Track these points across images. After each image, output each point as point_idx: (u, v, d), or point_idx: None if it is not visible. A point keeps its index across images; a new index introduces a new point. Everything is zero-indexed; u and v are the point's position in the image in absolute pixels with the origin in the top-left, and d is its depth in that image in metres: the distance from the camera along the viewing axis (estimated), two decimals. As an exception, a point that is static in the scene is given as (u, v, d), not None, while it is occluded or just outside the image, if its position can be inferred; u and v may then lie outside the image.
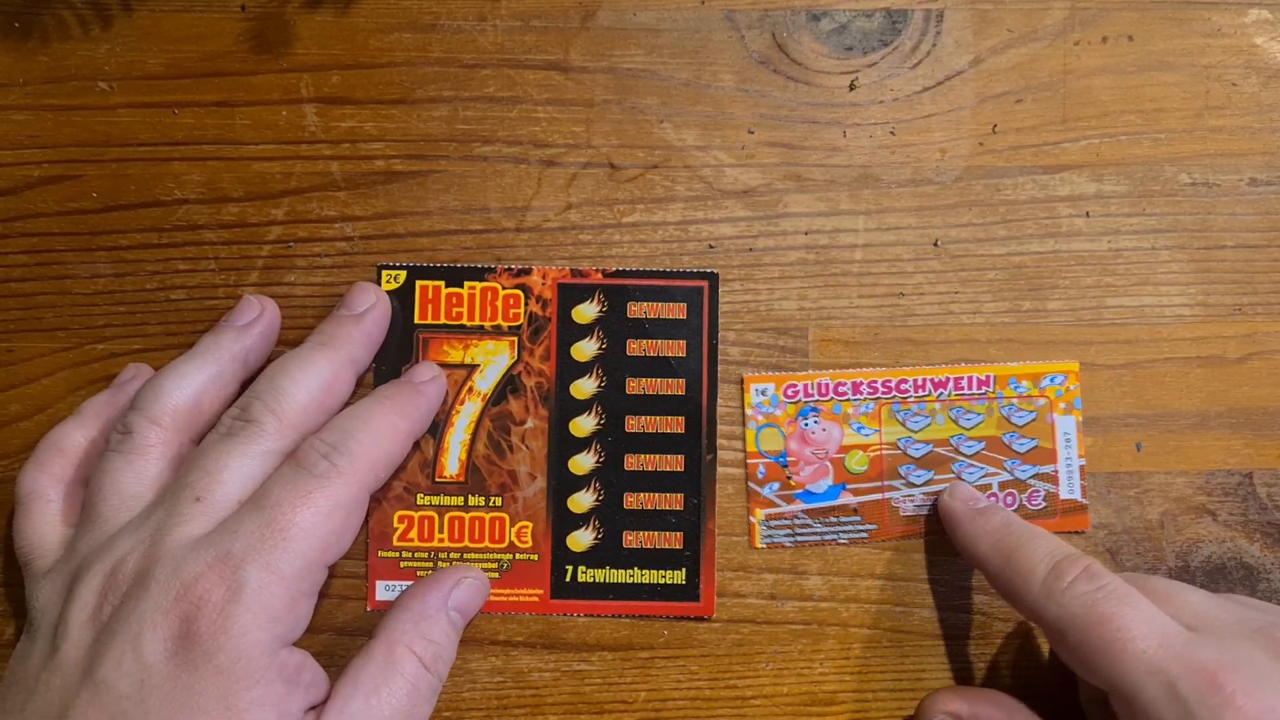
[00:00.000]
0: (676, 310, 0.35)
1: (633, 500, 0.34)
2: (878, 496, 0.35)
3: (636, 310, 0.35)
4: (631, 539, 0.34)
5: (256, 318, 0.33)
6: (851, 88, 0.36)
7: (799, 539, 0.34)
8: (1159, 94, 0.36)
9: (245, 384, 0.33)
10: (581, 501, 0.34)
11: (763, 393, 0.34)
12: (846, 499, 0.35)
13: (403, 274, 0.34)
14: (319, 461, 0.30)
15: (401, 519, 0.34)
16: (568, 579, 0.34)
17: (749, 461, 0.35)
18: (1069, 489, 0.35)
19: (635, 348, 0.35)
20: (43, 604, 0.30)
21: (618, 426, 0.34)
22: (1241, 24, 0.36)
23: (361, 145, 0.35)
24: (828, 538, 0.34)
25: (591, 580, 0.34)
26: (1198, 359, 0.35)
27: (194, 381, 0.32)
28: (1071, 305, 0.35)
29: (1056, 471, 0.35)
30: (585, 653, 0.34)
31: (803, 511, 0.34)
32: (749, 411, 0.34)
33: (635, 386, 0.34)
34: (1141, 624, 0.28)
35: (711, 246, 0.35)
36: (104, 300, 0.35)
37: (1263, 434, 0.35)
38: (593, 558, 0.34)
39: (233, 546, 0.28)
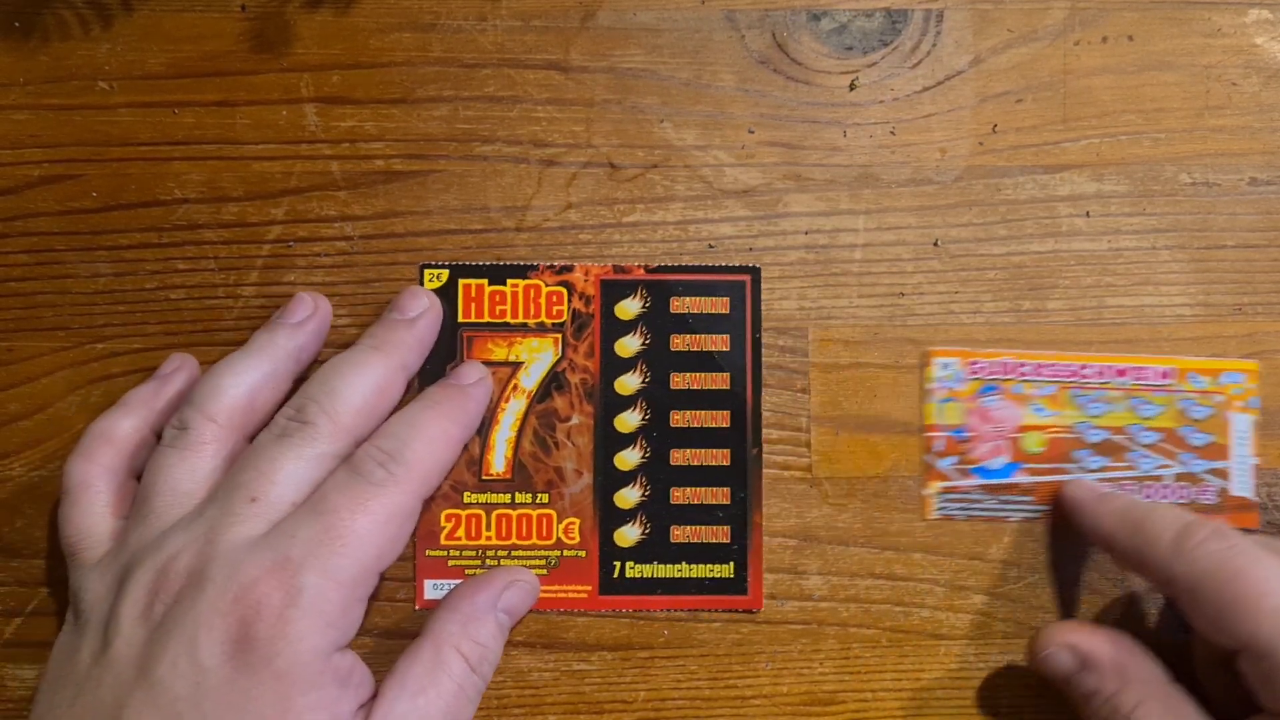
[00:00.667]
0: (719, 305, 0.35)
1: (679, 495, 0.34)
2: (1052, 478, 0.35)
3: (679, 305, 0.35)
4: (679, 533, 0.34)
5: (310, 315, 0.33)
6: (852, 87, 0.36)
7: (972, 513, 0.35)
8: (1159, 94, 0.36)
9: (296, 382, 0.33)
10: (628, 497, 0.34)
11: (946, 367, 0.35)
12: (1021, 478, 0.35)
13: (445, 273, 0.34)
14: (375, 470, 0.30)
15: (449, 517, 0.34)
16: (615, 575, 0.34)
17: (927, 435, 0.35)
18: (1240, 486, 0.35)
19: (679, 343, 0.35)
20: (91, 597, 0.30)
21: (663, 421, 0.34)
22: (1242, 24, 0.36)
23: (361, 145, 0.35)
24: (1000, 514, 0.35)
25: (639, 575, 0.34)
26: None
27: (249, 379, 0.32)
28: (1071, 305, 0.35)
29: (1229, 468, 0.35)
30: (585, 652, 0.34)
31: (978, 487, 0.35)
32: (931, 385, 0.35)
33: (680, 381, 0.34)
34: (1277, 580, 0.28)
35: (711, 246, 0.35)
36: (104, 300, 0.35)
37: (1263, 434, 0.35)
38: (640, 553, 0.34)
39: (291, 551, 0.28)
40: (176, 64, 0.35)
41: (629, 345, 0.34)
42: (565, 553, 0.34)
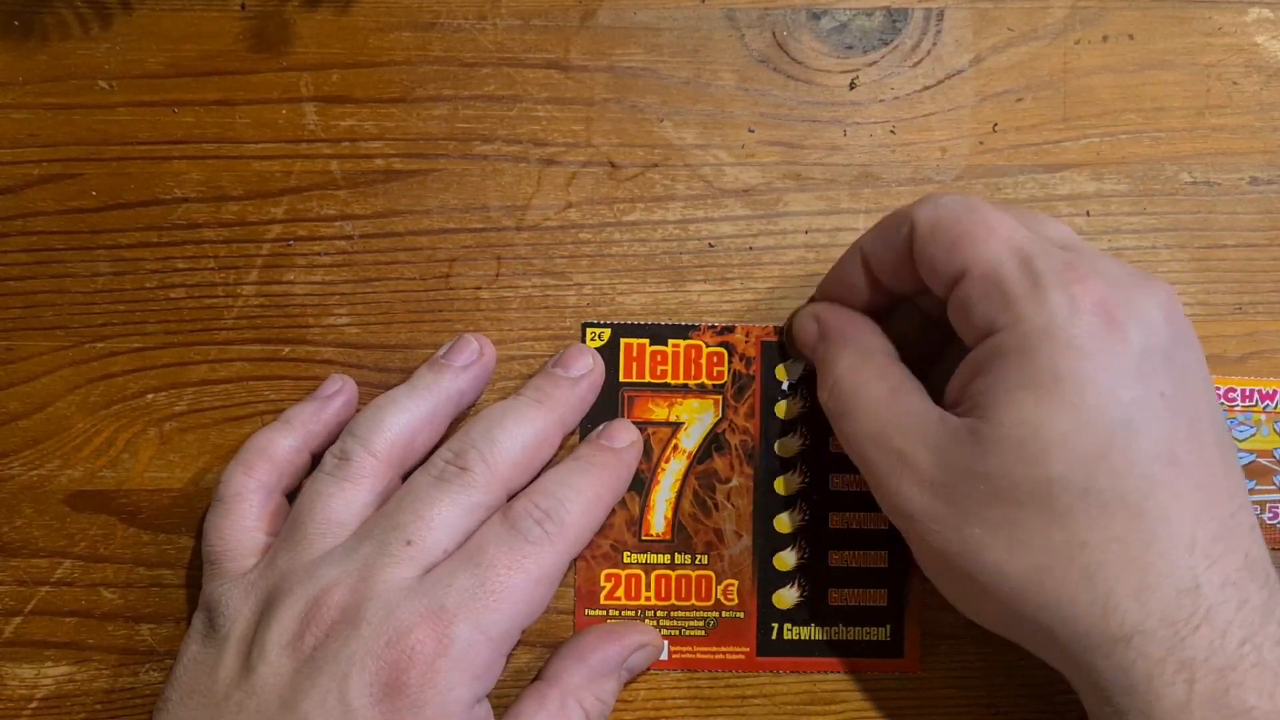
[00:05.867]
0: None
1: (837, 558, 0.34)
2: None
3: None
4: (836, 596, 0.34)
5: (474, 360, 0.34)
6: (852, 86, 0.36)
7: None
8: (1160, 92, 0.36)
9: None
10: (787, 559, 0.34)
11: None
12: None
13: (607, 332, 0.34)
14: (533, 527, 0.30)
15: (609, 577, 0.34)
16: (774, 636, 0.34)
17: None
18: None
19: None
20: (232, 612, 0.30)
21: (822, 484, 0.34)
22: (1242, 23, 0.36)
23: (361, 144, 0.35)
24: None
25: (797, 637, 0.34)
26: (1198, 358, 0.35)
27: (412, 417, 0.32)
28: (1072, 304, 0.35)
29: None
30: (585, 652, 0.34)
31: None
32: None
33: (839, 444, 0.34)
34: (1010, 226, 0.28)
35: (711, 245, 0.35)
36: (103, 299, 0.35)
37: (1264, 433, 0.35)
38: (798, 615, 0.34)
39: (446, 601, 0.29)
40: (176, 63, 0.35)
41: (789, 408, 0.34)
42: (724, 614, 0.34)
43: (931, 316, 0.32)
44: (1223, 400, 0.35)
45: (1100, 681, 0.27)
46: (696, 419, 0.34)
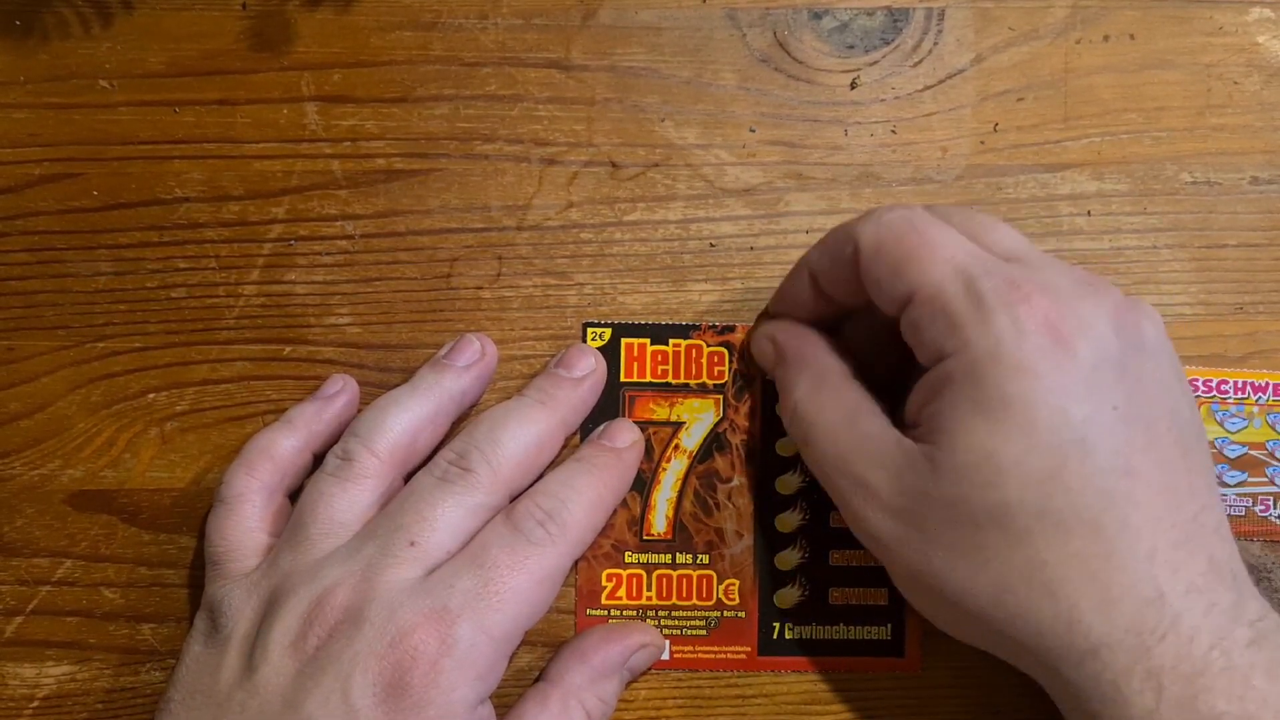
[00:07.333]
0: None
1: (838, 557, 0.34)
2: None
3: None
4: (837, 595, 0.34)
5: (476, 360, 0.34)
6: (853, 86, 0.36)
7: None
8: (1160, 92, 0.36)
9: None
10: (788, 559, 0.34)
11: None
12: None
13: (608, 331, 0.34)
14: (535, 528, 0.30)
15: (610, 577, 0.34)
16: (775, 636, 0.34)
17: None
18: None
19: None
20: (234, 613, 0.30)
21: None
22: (1243, 22, 0.36)
23: (362, 143, 0.35)
24: None
25: (798, 636, 0.34)
26: (1199, 358, 0.35)
27: (414, 417, 0.32)
28: (1073, 304, 0.35)
29: None
30: (586, 651, 0.34)
31: None
32: None
33: None
34: (954, 243, 0.28)
35: (713, 245, 0.35)
36: (104, 299, 0.35)
37: None
38: (799, 614, 0.34)
39: (449, 601, 0.29)
40: (177, 62, 0.35)
41: None
42: (725, 614, 0.34)
43: (893, 323, 0.32)
44: (1215, 393, 0.35)
45: (1072, 690, 0.27)
46: (697, 419, 0.34)
